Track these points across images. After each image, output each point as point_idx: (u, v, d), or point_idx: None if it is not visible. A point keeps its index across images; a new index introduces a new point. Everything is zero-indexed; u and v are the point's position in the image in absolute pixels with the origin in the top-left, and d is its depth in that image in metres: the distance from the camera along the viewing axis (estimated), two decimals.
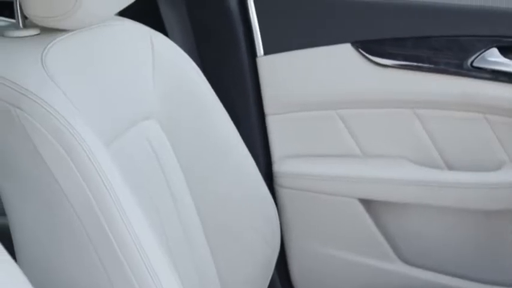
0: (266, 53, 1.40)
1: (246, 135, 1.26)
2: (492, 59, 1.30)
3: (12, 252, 0.74)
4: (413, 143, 1.39)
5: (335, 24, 1.38)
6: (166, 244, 1.05)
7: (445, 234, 1.40)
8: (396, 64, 1.35)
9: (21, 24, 0.98)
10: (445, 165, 1.39)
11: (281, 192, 1.44)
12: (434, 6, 1.34)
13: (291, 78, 1.41)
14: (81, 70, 0.97)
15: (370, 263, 1.43)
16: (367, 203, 1.40)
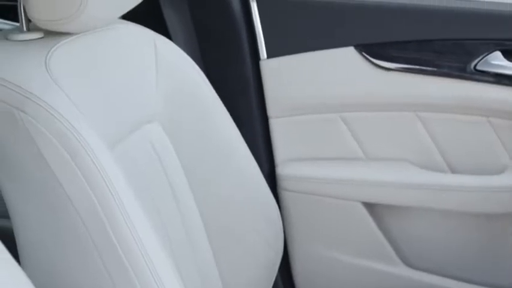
0: (269, 56, 1.40)
1: (249, 138, 1.26)
2: (495, 62, 1.30)
3: (16, 255, 0.74)
4: (416, 146, 1.39)
5: (338, 28, 1.38)
6: (169, 247, 1.05)
7: (447, 237, 1.40)
8: (399, 67, 1.35)
9: (25, 28, 0.99)
10: (448, 168, 1.39)
11: (284, 195, 1.44)
12: (438, 10, 1.34)
13: (294, 81, 1.40)
14: (85, 73, 0.97)
15: (373, 266, 1.42)
16: (370, 206, 1.40)
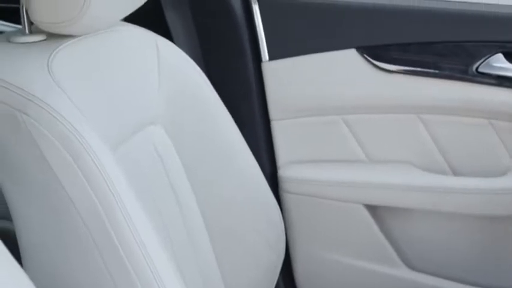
0: (271, 58, 1.40)
1: (251, 140, 1.26)
2: (497, 64, 1.30)
3: (18, 257, 0.74)
4: (418, 149, 1.39)
5: (340, 30, 1.38)
6: (171, 248, 1.05)
7: (450, 240, 1.40)
8: (401, 69, 1.35)
9: (27, 30, 0.99)
10: (450, 170, 1.39)
11: (286, 197, 1.44)
12: (439, 12, 1.34)
13: (296, 83, 1.41)
14: (87, 75, 0.97)
15: (375, 268, 1.42)
16: (372, 209, 1.40)
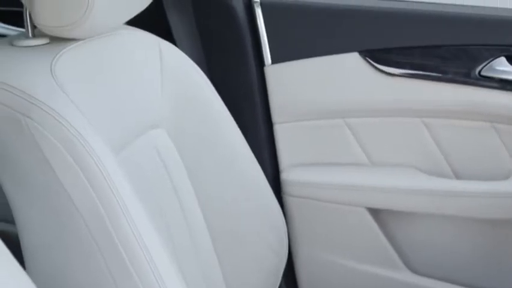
0: (274, 61, 1.40)
1: (253, 143, 1.26)
2: (500, 68, 1.30)
3: (20, 260, 0.75)
4: (421, 152, 1.38)
5: (342, 33, 1.38)
6: (173, 250, 1.05)
7: (452, 243, 1.40)
8: (404, 73, 1.35)
9: (30, 34, 0.99)
10: (453, 174, 1.38)
11: (289, 200, 1.44)
12: (442, 15, 1.34)
13: (299, 86, 1.41)
14: (91, 79, 0.97)
15: (377, 272, 1.42)
16: (375, 212, 1.40)
